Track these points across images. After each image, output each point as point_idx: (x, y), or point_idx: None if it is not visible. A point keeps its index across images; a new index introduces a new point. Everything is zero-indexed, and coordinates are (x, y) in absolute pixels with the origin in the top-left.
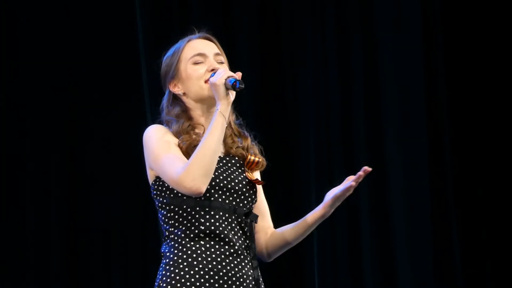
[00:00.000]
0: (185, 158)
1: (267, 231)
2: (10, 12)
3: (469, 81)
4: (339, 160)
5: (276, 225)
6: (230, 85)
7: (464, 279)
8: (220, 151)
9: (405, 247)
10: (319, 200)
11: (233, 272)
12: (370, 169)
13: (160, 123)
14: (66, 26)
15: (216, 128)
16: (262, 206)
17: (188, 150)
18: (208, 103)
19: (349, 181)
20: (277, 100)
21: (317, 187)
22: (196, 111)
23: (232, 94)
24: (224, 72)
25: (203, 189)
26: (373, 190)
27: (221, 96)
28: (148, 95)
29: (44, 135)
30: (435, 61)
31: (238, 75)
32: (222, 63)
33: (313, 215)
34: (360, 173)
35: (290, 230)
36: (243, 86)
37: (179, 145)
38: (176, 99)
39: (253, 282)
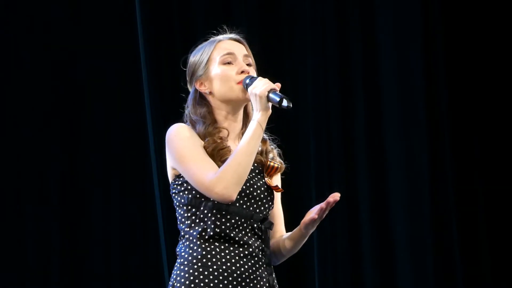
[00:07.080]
0: (214, 163)
1: (277, 236)
2: (10, 14)
3: (470, 82)
4: (339, 160)
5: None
6: (276, 102)
7: (464, 279)
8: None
9: (405, 247)
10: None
11: (247, 274)
12: (338, 197)
13: (182, 119)
14: (66, 25)
15: (253, 138)
16: (278, 213)
17: (213, 153)
18: (234, 104)
19: (315, 211)
20: None
21: (317, 187)
22: (221, 112)
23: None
24: (266, 83)
25: (234, 197)
26: (373, 190)
27: (261, 107)
28: (148, 95)
29: (44, 135)
30: (436, 61)
31: (278, 86)
32: (250, 65)
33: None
34: (329, 199)
35: (289, 237)
36: (291, 106)
37: (204, 147)
38: (202, 98)
39: (267, 284)
